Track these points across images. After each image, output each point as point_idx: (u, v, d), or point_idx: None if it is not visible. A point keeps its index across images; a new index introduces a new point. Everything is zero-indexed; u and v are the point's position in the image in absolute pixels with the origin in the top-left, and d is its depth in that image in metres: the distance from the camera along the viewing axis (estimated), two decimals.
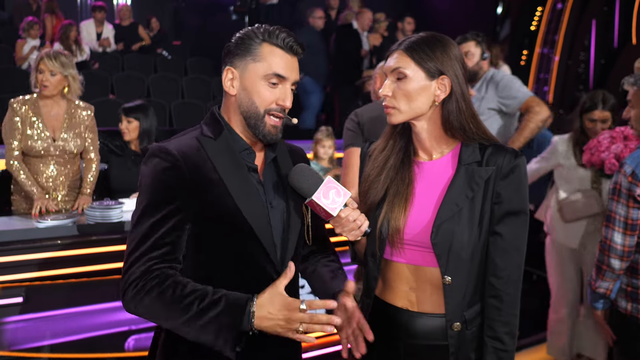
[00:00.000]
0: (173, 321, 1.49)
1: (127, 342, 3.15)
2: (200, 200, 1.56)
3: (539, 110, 3.84)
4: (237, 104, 1.64)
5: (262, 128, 1.63)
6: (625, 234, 2.40)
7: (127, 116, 4.05)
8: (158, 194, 1.55)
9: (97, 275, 3.02)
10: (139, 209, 1.56)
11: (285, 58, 1.63)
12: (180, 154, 1.56)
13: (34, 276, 2.90)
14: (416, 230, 1.69)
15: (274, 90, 1.62)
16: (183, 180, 1.55)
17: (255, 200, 1.62)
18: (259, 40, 1.62)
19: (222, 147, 1.62)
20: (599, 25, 8.94)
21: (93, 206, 3.20)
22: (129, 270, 1.52)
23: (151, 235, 1.52)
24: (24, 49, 7.55)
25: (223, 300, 1.48)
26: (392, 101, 1.68)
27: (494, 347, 1.67)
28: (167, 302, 1.48)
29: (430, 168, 1.73)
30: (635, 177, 2.34)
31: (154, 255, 1.52)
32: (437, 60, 1.64)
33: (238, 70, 1.63)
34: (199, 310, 1.47)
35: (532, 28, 9.48)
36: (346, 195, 1.60)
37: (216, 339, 1.47)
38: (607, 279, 2.48)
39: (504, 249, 1.66)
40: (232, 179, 1.59)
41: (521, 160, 1.67)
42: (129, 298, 1.51)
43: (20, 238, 2.95)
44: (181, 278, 1.53)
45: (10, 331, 2.87)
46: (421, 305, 1.72)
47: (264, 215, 1.62)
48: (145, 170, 1.58)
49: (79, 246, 3.01)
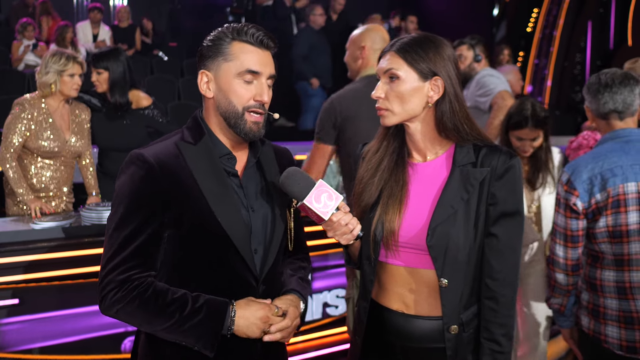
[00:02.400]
0: (154, 327, 1.57)
1: (122, 344, 3.14)
2: (178, 207, 1.58)
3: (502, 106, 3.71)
4: (215, 106, 1.64)
5: (242, 126, 1.62)
6: (566, 246, 2.29)
7: (96, 67, 3.78)
8: (135, 202, 1.57)
9: (92, 276, 3.00)
10: (116, 216, 1.58)
11: (257, 53, 1.62)
12: (157, 161, 1.57)
13: (28, 278, 2.89)
14: (411, 232, 1.68)
15: (250, 87, 1.61)
16: (159, 188, 1.56)
17: (232, 205, 1.62)
18: (228, 40, 1.62)
19: (201, 152, 1.62)
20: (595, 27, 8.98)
21: (89, 207, 3.19)
22: (107, 277, 1.55)
23: (128, 245, 1.55)
24: (20, 50, 7.55)
25: (204, 309, 1.55)
26: (385, 103, 1.68)
27: (491, 349, 1.66)
28: (149, 311, 1.54)
29: (425, 169, 1.72)
30: (571, 185, 2.26)
31: (133, 264, 1.55)
32: (429, 61, 1.64)
33: (212, 72, 1.63)
34: (180, 318, 1.54)
35: (528, 29, 9.51)
36: (338, 199, 1.59)
37: (197, 342, 1.55)
38: (556, 294, 2.40)
39: (499, 250, 1.65)
40: (209, 184, 1.60)
41: (516, 161, 1.65)
42: (108, 304, 1.55)
43: (16, 240, 2.94)
44: (161, 286, 1.57)
45: (4, 333, 2.86)
46: (417, 308, 1.71)
47: (240, 221, 1.62)
48: (123, 177, 1.60)
49: (74, 247, 3.00)
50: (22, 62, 7.52)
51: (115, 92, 3.78)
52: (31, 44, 7.59)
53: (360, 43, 3.14)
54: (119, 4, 11.10)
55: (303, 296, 1.77)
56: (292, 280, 1.80)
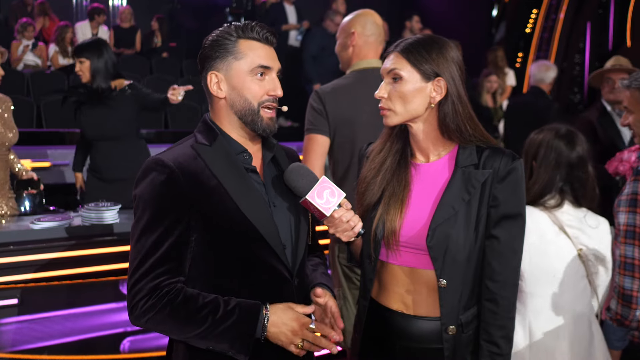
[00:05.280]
0: (187, 334, 1.54)
1: (122, 344, 3.14)
2: (202, 208, 1.56)
3: None
4: (228, 106, 1.64)
5: (260, 122, 1.63)
6: None
7: (78, 56, 3.89)
8: (158, 208, 1.55)
9: (92, 276, 3.01)
10: (140, 224, 1.56)
11: (264, 49, 1.65)
12: (177, 165, 1.56)
13: (29, 278, 2.89)
14: (412, 232, 1.68)
15: (262, 82, 1.63)
16: (181, 191, 1.55)
17: (258, 201, 1.61)
18: (234, 38, 1.63)
19: (218, 152, 1.62)
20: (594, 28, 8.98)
21: (88, 207, 3.19)
22: (137, 285, 1.53)
23: (156, 251, 1.53)
24: (19, 50, 7.57)
25: (237, 310, 1.53)
26: (388, 103, 1.68)
27: (490, 351, 1.66)
28: (181, 317, 1.52)
29: (427, 170, 1.73)
30: None
31: (161, 271, 1.53)
32: (432, 62, 1.64)
33: (222, 72, 1.63)
34: (213, 322, 1.51)
35: (527, 30, 9.52)
36: (340, 196, 1.60)
37: (232, 345, 1.52)
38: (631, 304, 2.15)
39: (500, 252, 1.65)
40: (232, 182, 1.59)
41: (518, 163, 1.66)
42: (139, 314, 1.52)
43: (15, 240, 2.94)
44: (191, 291, 1.55)
45: (5, 333, 2.86)
46: (416, 308, 1.71)
47: (268, 216, 1.62)
48: (143, 184, 1.58)
49: (74, 248, 3.00)
50: (21, 62, 7.53)
51: (97, 79, 3.86)
52: (30, 43, 7.61)
53: (349, 29, 2.86)
54: (119, 4, 11.11)
55: (330, 289, 1.77)
56: (317, 275, 1.80)
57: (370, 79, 2.71)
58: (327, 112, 2.70)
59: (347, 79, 2.84)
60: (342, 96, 2.72)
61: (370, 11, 2.93)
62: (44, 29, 8.27)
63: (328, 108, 2.70)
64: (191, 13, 10.45)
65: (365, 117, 2.67)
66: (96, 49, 3.88)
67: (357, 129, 2.67)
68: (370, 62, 2.81)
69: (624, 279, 2.16)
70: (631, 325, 2.19)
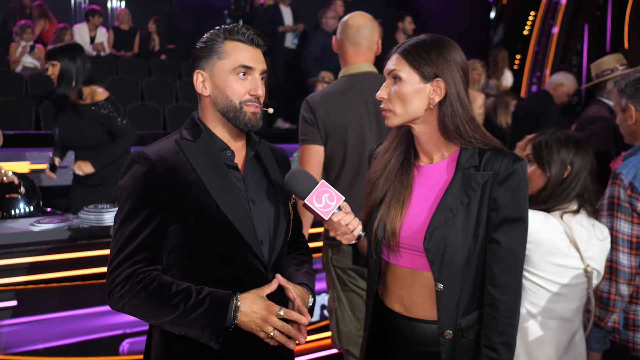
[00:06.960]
0: (160, 319, 1.60)
1: (121, 346, 3.13)
2: (181, 201, 1.62)
3: None
4: (212, 103, 1.71)
5: (242, 117, 1.69)
6: (631, 254, 2.15)
7: (50, 59, 3.76)
8: (138, 199, 1.62)
9: (91, 278, 3.00)
10: (121, 214, 1.64)
11: (249, 50, 1.70)
12: (158, 158, 1.63)
13: (27, 279, 2.89)
14: (411, 234, 1.68)
15: (244, 82, 1.68)
16: (162, 183, 1.61)
17: (236, 197, 1.67)
18: (221, 39, 1.69)
19: (200, 148, 1.68)
20: (592, 30, 8.99)
21: (88, 209, 3.19)
22: (115, 272, 1.60)
23: (134, 239, 1.60)
24: (17, 52, 7.56)
25: (208, 299, 1.59)
26: (388, 104, 1.69)
27: (489, 357, 1.64)
28: (154, 303, 1.58)
29: (430, 172, 1.73)
30: (635, 189, 2.13)
31: (138, 259, 1.60)
32: (432, 63, 1.64)
33: (207, 71, 1.70)
34: (185, 309, 1.57)
35: (525, 32, 9.54)
36: (339, 199, 1.62)
37: (202, 333, 1.58)
38: (617, 309, 2.18)
39: (501, 256, 1.63)
40: (211, 177, 1.65)
41: (520, 165, 1.63)
42: (116, 298, 1.60)
43: (14, 241, 2.93)
44: (166, 279, 1.61)
45: (3, 335, 2.86)
46: (414, 311, 1.71)
47: (244, 211, 1.67)
48: (126, 176, 1.65)
49: (73, 249, 3.00)
50: (19, 64, 7.52)
51: (61, 84, 3.76)
52: (29, 45, 7.60)
53: (337, 36, 2.86)
54: (116, 6, 11.11)
55: (312, 290, 1.81)
56: (299, 275, 1.83)
57: (360, 84, 2.73)
58: (317, 120, 2.72)
59: (336, 84, 2.85)
60: (332, 103, 2.73)
61: (359, 15, 2.85)
62: (42, 31, 8.27)
63: (318, 116, 2.71)
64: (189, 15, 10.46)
65: (356, 122, 2.70)
66: (68, 53, 3.75)
67: (348, 134, 2.69)
68: (360, 67, 2.79)
69: (603, 282, 2.19)
70: (607, 327, 2.21)
